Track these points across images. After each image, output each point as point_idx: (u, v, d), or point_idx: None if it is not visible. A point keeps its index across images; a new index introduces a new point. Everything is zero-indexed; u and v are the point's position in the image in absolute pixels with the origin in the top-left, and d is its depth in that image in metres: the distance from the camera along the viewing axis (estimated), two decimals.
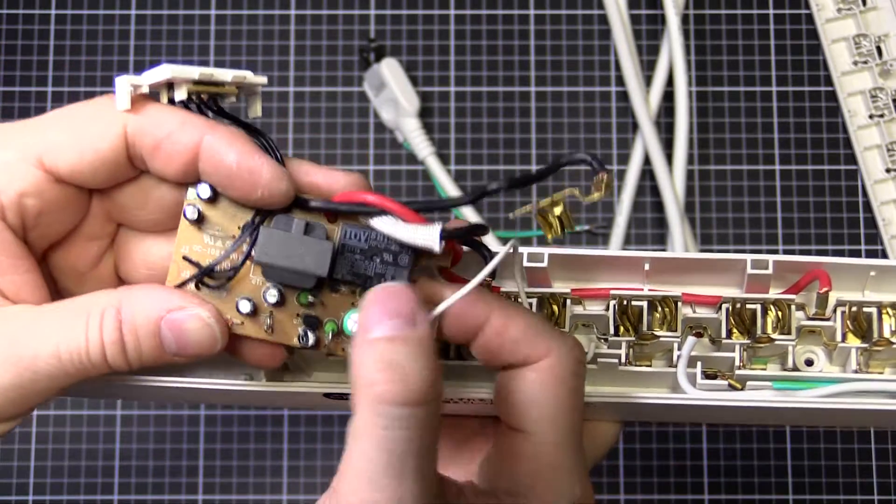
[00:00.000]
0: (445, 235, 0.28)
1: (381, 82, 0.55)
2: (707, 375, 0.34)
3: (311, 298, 0.30)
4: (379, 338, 0.27)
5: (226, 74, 0.30)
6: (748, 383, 0.34)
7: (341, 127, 0.56)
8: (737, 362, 0.34)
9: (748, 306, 0.34)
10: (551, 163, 0.29)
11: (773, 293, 0.34)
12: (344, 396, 0.33)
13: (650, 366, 0.34)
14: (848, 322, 0.34)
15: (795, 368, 0.34)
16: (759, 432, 0.54)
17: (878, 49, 0.55)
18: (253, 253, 0.29)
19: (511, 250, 0.30)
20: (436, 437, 0.27)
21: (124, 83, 0.29)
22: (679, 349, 0.34)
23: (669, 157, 0.55)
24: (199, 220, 0.30)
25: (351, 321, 0.30)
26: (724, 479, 0.53)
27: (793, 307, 0.34)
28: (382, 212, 0.29)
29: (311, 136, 0.56)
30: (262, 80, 0.31)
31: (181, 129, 0.29)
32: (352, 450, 0.27)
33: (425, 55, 0.57)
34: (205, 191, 0.30)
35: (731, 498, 0.53)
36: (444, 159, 0.55)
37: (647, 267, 0.34)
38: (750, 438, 0.54)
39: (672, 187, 0.54)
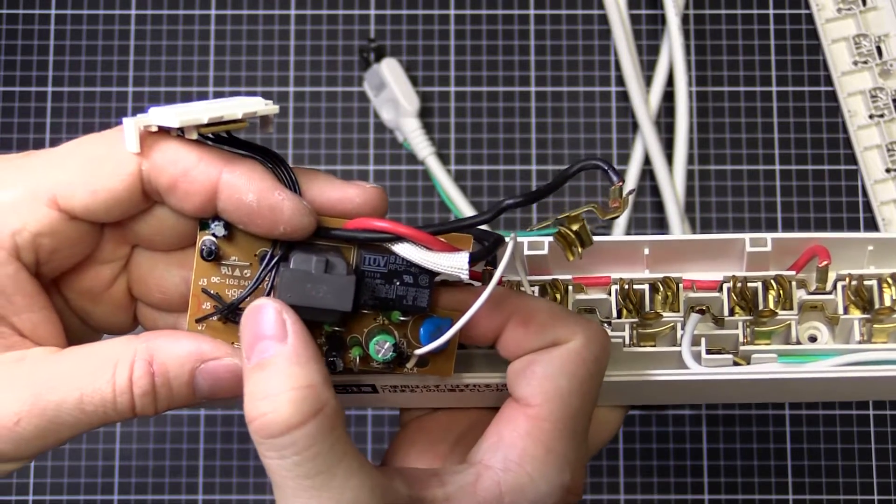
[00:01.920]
0: (473, 261, 0.28)
1: (381, 82, 0.55)
2: (711, 353, 0.34)
3: (336, 329, 0.30)
4: (250, 368, 0.27)
5: (236, 111, 0.29)
6: (753, 356, 0.34)
7: (341, 127, 0.56)
8: (740, 339, 0.34)
9: (749, 284, 0.34)
10: (566, 170, 0.29)
11: (773, 271, 0.34)
12: (350, 390, 0.33)
13: (654, 346, 0.34)
14: (849, 294, 0.34)
15: (799, 343, 0.34)
16: (760, 432, 0.54)
17: (878, 49, 0.55)
18: (273, 295, 0.29)
19: (513, 246, 0.29)
20: (339, 439, 0.27)
21: (132, 126, 0.28)
22: (682, 328, 0.34)
23: (669, 157, 0.55)
24: (216, 256, 0.30)
25: (375, 346, 0.30)
26: (724, 479, 0.53)
27: (794, 283, 0.34)
28: (405, 239, 0.29)
29: (311, 136, 0.56)
30: (275, 109, 0.30)
31: (198, 167, 0.28)
32: (275, 492, 0.27)
33: (425, 55, 0.57)
34: (220, 230, 0.29)
35: (731, 498, 0.53)
36: (444, 159, 0.55)
37: (646, 252, 0.34)
38: (750, 438, 0.54)
39: (672, 187, 0.54)
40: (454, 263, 0.28)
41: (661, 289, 0.34)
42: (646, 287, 0.34)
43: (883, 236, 0.34)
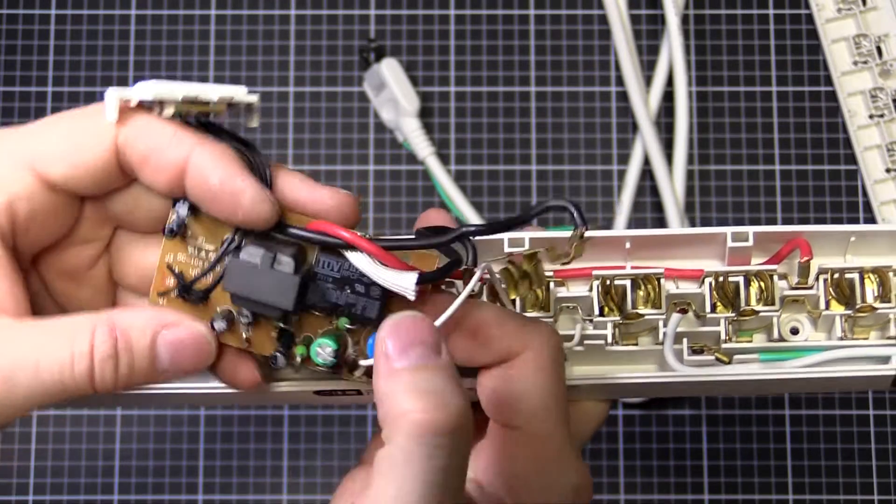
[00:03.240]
0: (420, 282, 0.28)
1: (381, 82, 0.55)
2: (694, 350, 0.34)
3: (281, 325, 0.30)
4: (407, 367, 0.27)
5: (211, 93, 0.30)
6: (735, 357, 0.34)
7: (341, 127, 0.56)
8: (723, 336, 0.34)
9: (731, 279, 0.34)
10: (532, 207, 0.29)
11: (756, 263, 0.34)
12: (335, 393, 0.33)
13: (636, 344, 0.34)
14: (831, 289, 0.34)
15: (781, 339, 0.34)
16: (760, 432, 0.54)
17: (878, 49, 0.55)
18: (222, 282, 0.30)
19: (476, 280, 0.29)
20: (467, 462, 0.27)
21: (113, 95, 0.29)
22: (664, 326, 0.34)
23: (669, 157, 0.55)
24: (182, 234, 0.30)
25: (317, 349, 0.30)
26: (724, 479, 0.53)
27: (775, 277, 0.34)
28: (358, 249, 0.29)
29: (311, 136, 0.56)
30: (251, 98, 0.30)
31: (170, 144, 0.29)
32: (386, 479, 0.26)
33: (425, 55, 0.57)
34: (183, 210, 0.30)
35: (731, 498, 0.53)
36: (444, 159, 0.55)
37: (628, 245, 0.34)
38: (750, 438, 0.54)
39: (672, 187, 0.54)
40: (401, 282, 0.28)
41: (643, 286, 0.34)
42: (627, 283, 0.34)
43: (864, 228, 0.34)
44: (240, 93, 0.30)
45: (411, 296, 0.28)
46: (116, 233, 0.32)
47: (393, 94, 0.55)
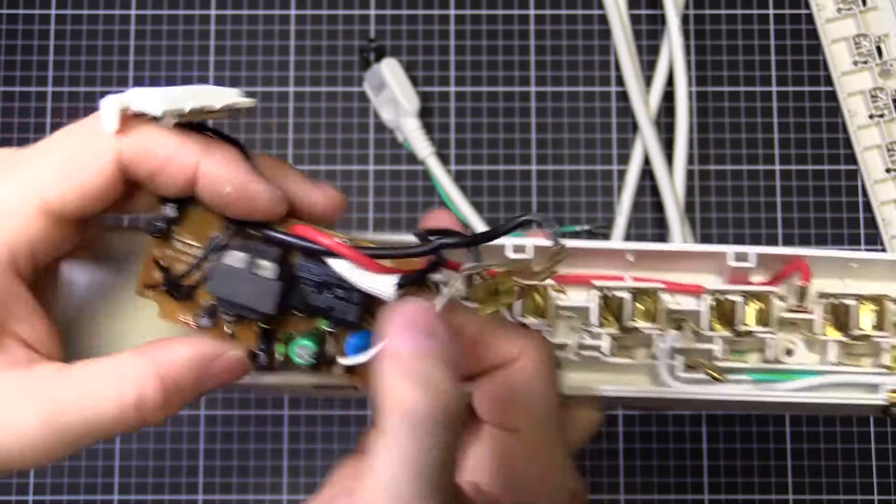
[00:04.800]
0: (401, 285, 0.29)
1: (381, 82, 0.55)
2: (688, 366, 0.34)
3: (264, 326, 0.31)
4: (405, 352, 0.27)
5: (216, 102, 0.30)
6: (729, 375, 0.34)
7: (341, 127, 0.56)
8: (718, 354, 0.34)
9: (729, 298, 0.34)
10: (509, 220, 0.29)
11: (755, 282, 0.35)
12: (332, 387, 0.33)
13: (632, 357, 0.35)
14: (828, 315, 0.34)
15: (776, 360, 0.34)
16: (760, 432, 0.54)
17: (878, 49, 0.55)
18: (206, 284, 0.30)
19: (451, 289, 0.30)
20: (457, 451, 0.28)
21: (113, 105, 0.28)
22: (661, 342, 0.34)
23: (669, 157, 0.55)
24: (167, 232, 0.30)
25: (297, 349, 0.30)
26: (724, 479, 0.53)
27: (773, 299, 0.34)
28: (338, 255, 0.29)
29: (311, 136, 0.56)
30: (250, 103, 0.31)
31: (177, 155, 0.29)
32: (378, 460, 0.26)
33: (425, 55, 0.57)
34: (171, 212, 0.30)
35: (731, 498, 0.53)
36: (444, 159, 0.55)
37: (630, 258, 0.35)
38: (750, 438, 0.54)
39: (672, 187, 0.54)
40: (379, 286, 0.29)
41: (643, 299, 0.34)
42: (627, 296, 0.34)
43: (867, 256, 0.34)
44: (243, 100, 0.30)
45: (391, 299, 0.28)
46: None
47: (393, 94, 0.55)
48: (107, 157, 0.29)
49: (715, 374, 0.34)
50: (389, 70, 0.55)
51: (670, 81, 0.56)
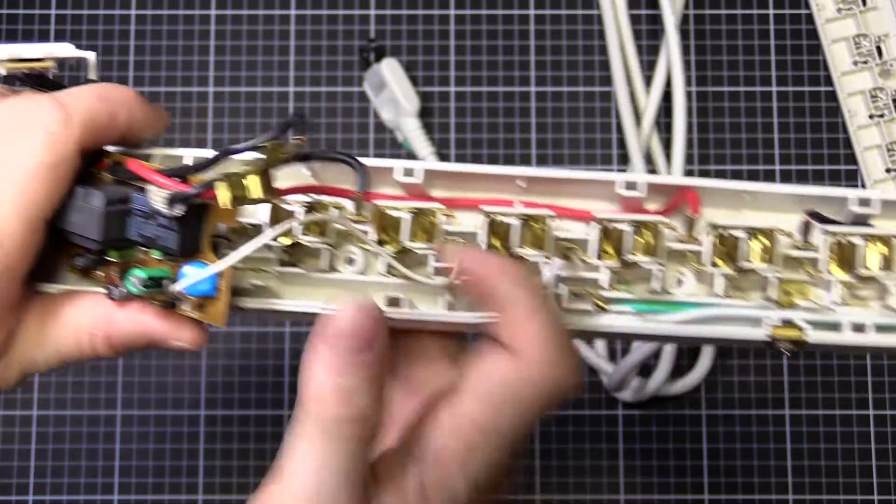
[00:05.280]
0: (180, 198, 0.30)
1: (381, 82, 0.55)
2: (574, 295, 0.34)
3: (111, 260, 0.32)
4: (335, 359, 0.29)
5: (35, 51, 0.32)
6: (614, 305, 0.33)
7: (341, 127, 0.56)
8: (604, 284, 0.33)
9: (619, 227, 0.33)
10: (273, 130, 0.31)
11: (645, 215, 0.34)
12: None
13: None
14: (716, 247, 0.33)
15: (664, 291, 0.34)
16: (760, 432, 0.54)
17: (878, 49, 0.55)
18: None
19: (258, 240, 0.31)
20: (368, 453, 0.30)
21: None
22: (548, 269, 0.33)
23: (669, 157, 0.55)
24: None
25: (131, 279, 0.31)
26: (724, 479, 0.53)
27: (663, 229, 0.33)
28: (136, 175, 0.31)
29: (310, 136, 0.56)
30: (79, 54, 0.33)
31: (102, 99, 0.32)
32: (294, 454, 0.29)
33: (425, 55, 0.57)
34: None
35: (731, 498, 0.53)
36: (444, 159, 0.55)
37: (521, 184, 0.34)
38: (750, 438, 0.54)
39: None
40: (157, 198, 0.30)
41: (531, 226, 0.34)
42: (514, 222, 0.33)
43: (760, 188, 0.34)
44: (59, 49, 0.33)
45: (166, 211, 0.30)
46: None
47: (393, 93, 0.55)
48: (68, 144, 0.31)
49: (600, 304, 0.33)
50: (389, 70, 0.55)
51: (671, 81, 0.56)
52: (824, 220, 0.34)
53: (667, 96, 0.56)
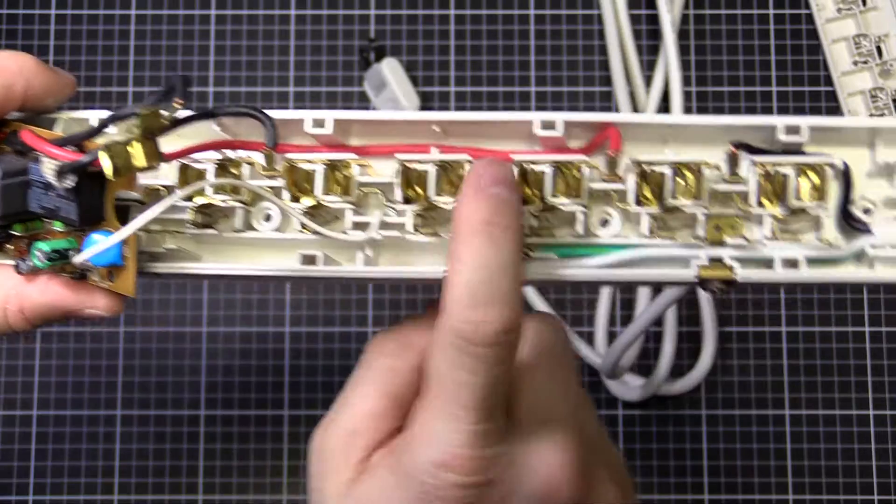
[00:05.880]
0: (69, 169, 0.29)
1: (382, 82, 0.55)
2: None
3: (14, 232, 0.31)
4: (493, 194, 0.29)
5: None
6: (538, 251, 0.32)
7: None
8: (526, 230, 0.32)
9: (538, 168, 0.32)
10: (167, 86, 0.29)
11: (566, 155, 0.32)
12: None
13: (437, 235, 0.32)
14: (642, 185, 0.32)
15: (588, 233, 0.32)
16: (760, 432, 0.54)
17: (878, 49, 0.55)
18: None
19: (161, 205, 0.30)
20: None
21: None
22: None
23: None
24: None
25: (36, 253, 0.30)
26: (724, 479, 0.53)
27: (585, 169, 0.32)
28: (30, 148, 0.30)
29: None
30: None
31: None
32: (441, 399, 0.29)
33: (425, 55, 0.57)
34: None
35: (731, 498, 0.53)
36: None
37: (436, 129, 0.33)
38: (750, 438, 0.54)
39: None
40: (48, 169, 0.29)
41: (448, 172, 0.32)
42: (430, 169, 0.32)
43: (680, 121, 0.32)
44: None
45: (56, 182, 0.29)
46: None
47: (393, 93, 0.55)
48: None
49: (524, 251, 0.32)
50: (390, 70, 0.55)
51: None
52: (753, 150, 0.32)
53: (666, 96, 0.56)
